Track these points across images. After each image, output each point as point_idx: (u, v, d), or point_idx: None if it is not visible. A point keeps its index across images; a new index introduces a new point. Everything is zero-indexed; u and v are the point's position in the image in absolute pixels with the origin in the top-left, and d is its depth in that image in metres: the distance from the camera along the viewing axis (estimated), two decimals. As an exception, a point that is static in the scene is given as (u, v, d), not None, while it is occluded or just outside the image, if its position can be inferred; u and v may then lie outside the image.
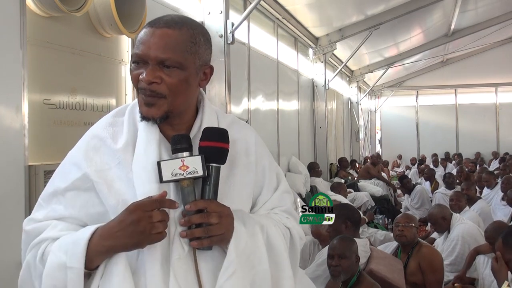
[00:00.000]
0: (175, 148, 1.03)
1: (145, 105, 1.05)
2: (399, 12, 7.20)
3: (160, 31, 1.04)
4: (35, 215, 1.10)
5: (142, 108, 1.06)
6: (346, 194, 5.97)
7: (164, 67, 1.03)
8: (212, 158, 1.03)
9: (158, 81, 1.02)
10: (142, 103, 1.06)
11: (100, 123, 1.14)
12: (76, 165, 1.08)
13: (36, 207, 1.12)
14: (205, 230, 1.01)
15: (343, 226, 3.09)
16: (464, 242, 3.84)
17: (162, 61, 1.03)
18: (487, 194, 5.99)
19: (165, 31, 1.04)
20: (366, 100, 13.39)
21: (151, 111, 1.05)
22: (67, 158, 1.14)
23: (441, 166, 10.98)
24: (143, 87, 1.03)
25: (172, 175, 1.00)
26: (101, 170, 1.05)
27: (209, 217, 1.01)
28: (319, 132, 8.07)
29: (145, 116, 1.06)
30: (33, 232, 1.08)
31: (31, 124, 2.26)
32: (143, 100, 1.05)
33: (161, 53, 1.02)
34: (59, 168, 1.14)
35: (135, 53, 1.04)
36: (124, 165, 1.05)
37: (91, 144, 1.10)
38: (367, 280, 2.51)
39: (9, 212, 2.11)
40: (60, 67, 2.57)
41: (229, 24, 4.10)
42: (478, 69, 13.40)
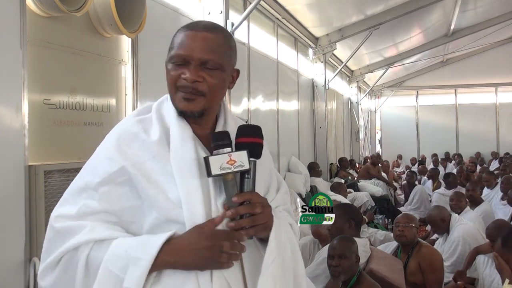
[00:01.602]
0: (218, 144, 1.08)
1: (184, 100, 1.10)
2: (399, 12, 7.20)
3: (201, 34, 1.10)
4: (64, 211, 1.08)
5: (180, 104, 1.10)
6: (346, 194, 5.97)
7: (206, 68, 1.09)
8: (250, 153, 1.09)
9: (201, 80, 1.09)
10: (180, 99, 1.10)
11: (126, 121, 1.16)
12: (110, 159, 1.08)
13: (62, 202, 1.11)
14: (251, 220, 1.06)
15: (346, 225, 3.09)
16: (464, 243, 3.84)
17: (205, 62, 1.09)
18: (487, 194, 5.98)
19: (206, 34, 1.11)
20: (366, 100, 13.40)
21: (190, 106, 1.10)
22: (97, 154, 1.13)
23: (441, 166, 10.98)
24: (185, 85, 1.09)
25: (221, 169, 1.05)
26: (137, 163, 1.07)
27: (254, 208, 1.07)
28: (319, 132, 8.07)
29: (183, 111, 1.11)
30: (65, 232, 1.05)
31: (31, 124, 2.26)
32: (183, 96, 1.10)
33: (205, 55, 1.09)
34: (89, 164, 1.13)
35: (177, 54, 1.09)
36: (160, 159, 1.08)
37: (123, 138, 1.10)
38: (367, 280, 2.51)
39: (9, 212, 2.11)
40: (60, 67, 2.57)
41: (229, 24, 4.11)
42: (478, 69, 13.41)
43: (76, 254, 1.03)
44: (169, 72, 1.11)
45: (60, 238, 1.05)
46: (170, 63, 1.11)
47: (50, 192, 2.34)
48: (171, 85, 1.11)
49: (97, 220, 1.06)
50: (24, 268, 2.17)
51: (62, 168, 2.42)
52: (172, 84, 1.11)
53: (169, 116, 1.13)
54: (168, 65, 1.12)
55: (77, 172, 1.16)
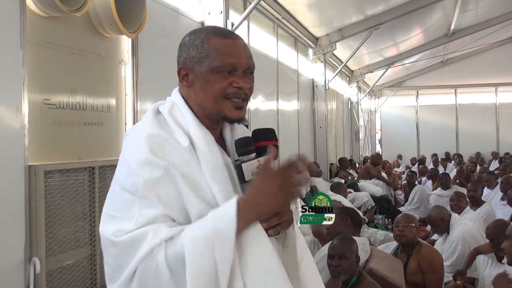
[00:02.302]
0: (245, 150, 1.12)
1: (237, 108, 1.13)
2: (399, 12, 7.21)
3: (239, 41, 1.16)
4: (121, 227, 1.03)
5: (231, 112, 1.13)
6: (346, 194, 5.96)
7: (248, 74, 1.16)
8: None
9: (251, 84, 1.16)
10: (231, 108, 1.13)
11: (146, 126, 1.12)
12: (150, 164, 1.05)
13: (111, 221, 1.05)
14: (278, 217, 1.08)
15: (343, 222, 3.09)
16: (464, 242, 3.84)
17: (249, 68, 1.16)
18: (487, 194, 5.98)
19: (242, 41, 1.17)
20: (366, 100, 13.40)
21: (241, 114, 1.15)
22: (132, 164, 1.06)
23: (441, 166, 10.98)
24: (237, 92, 1.12)
25: (252, 174, 1.09)
26: (175, 166, 1.06)
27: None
28: (319, 132, 8.07)
29: (235, 119, 1.15)
30: (130, 243, 1.01)
31: (31, 124, 2.26)
32: (235, 104, 1.13)
33: (249, 61, 1.16)
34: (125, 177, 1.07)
35: (227, 62, 1.11)
36: (192, 164, 1.08)
37: (155, 143, 1.07)
38: (367, 280, 2.51)
39: (9, 212, 2.11)
40: (60, 67, 2.57)
41: (229, 24, 4.11)
42: (478, 69, 13.41)
43: (152, 259, 0.99)
44: (216, 81, 1.11)
45: (127, 251, 1.01)
46: (216, 73, 1.11)
47: (50, 192, 2.34)
48: (219, 94, 1.11)
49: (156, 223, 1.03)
50: (24, 268, 2.17)
51: (62, 168, 2.42)
52: (220, 93, 1.11)
53: (187, 123, 1.13)
54: (211, 75, 1.11)
55: (77, 172, 1.16)
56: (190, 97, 1.16)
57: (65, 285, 2.45)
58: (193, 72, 1.14)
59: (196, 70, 1.13)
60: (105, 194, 2.69)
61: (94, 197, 2.63)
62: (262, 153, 1.12)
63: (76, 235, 2.55)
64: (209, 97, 1.12)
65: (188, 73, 1.15)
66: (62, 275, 2.43)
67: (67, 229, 2.48)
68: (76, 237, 2.55)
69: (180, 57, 1.17)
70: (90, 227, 2.64)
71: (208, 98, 1.12)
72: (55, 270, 2.40)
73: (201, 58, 1.12)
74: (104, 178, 2.72)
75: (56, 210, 2.39)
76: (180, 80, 1.17)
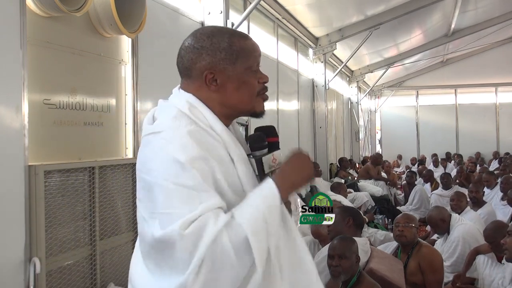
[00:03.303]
0: (261, 145, 1.21)
1: (263, 103, 1.24)
2: (399, 12, 7.21)
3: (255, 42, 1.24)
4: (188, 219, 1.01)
5: (261, 108, 1.23)
6: (346, 194, 5.96)
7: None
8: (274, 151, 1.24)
9: None
10: (260, 103, 1.23)
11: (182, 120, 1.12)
12: (202, 158, 1.06)
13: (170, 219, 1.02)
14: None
15: (344, 223, 3.09)
16: (464, 242, 3.84)
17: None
18: (487, 194, 5.98)
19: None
20: (366, 100, 13.40)
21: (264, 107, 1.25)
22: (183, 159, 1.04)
23: (441, 166, 10.98)
24: (264, 87, 1.23)
25: (269, 167, 1.19)
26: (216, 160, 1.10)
27: None
28: (319, 132, 8.07)
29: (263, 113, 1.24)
30: (195, 231, 1.00)
31: (31, 124, 2.26)
32: (264, 97, 1.24)
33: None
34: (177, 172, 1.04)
35: (257, 61, 1.21)
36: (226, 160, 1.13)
37: (198, 138, 1.09)
38: (367, 280, 2.51)
39: (9, 212, 2.11)
40: (60, 67, 2.57)
41: (229, 24, 4.11)
42: (478, 69, 13.40)
43: (218, 244, 1.00)
44: (250, 81, 1.19)
45: (193, 239, 1.00)
46: (250, 72, 1.19)
47: (50, 192, 2.34)
48: (254, 93, 1.20)
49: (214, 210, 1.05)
50: (24, 268, 2.17)
51: (62, 168, 2.42)
52: (256, 91, 1.20)
53: (209, 121, 1.15)
54: (246, 76, 1.18)
55: (77, 172, 1.16)
56: (211, 100, 1.17)
57: (65, 285, 2.45)
58: (225, 75, 1.16)
59: (229, 71, 1.16)
60: (105, 194, 2.71)
61: (94, 197, 2.63)
62: (271, 148, 1.21)
63: (76, 235, 2.55)
64: (245, 97, 1.19)
65: (216, 77, 1.16)
66: (62, 275, 2.43)
67: (67, 229, 2.48)
68: (76, 237, 2.55)
69: (202, 60, 1.15)
70: (90, 227, 2.64)
71: (245, 98, 1.19)
72: (55, 270, 2.40)
73: (234, 60, 1.16)
74: (104, 178, 2.72)
75: (56, 210, 2.39)
76: (207, 84, 1.16)
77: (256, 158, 1.18)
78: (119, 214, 2.84)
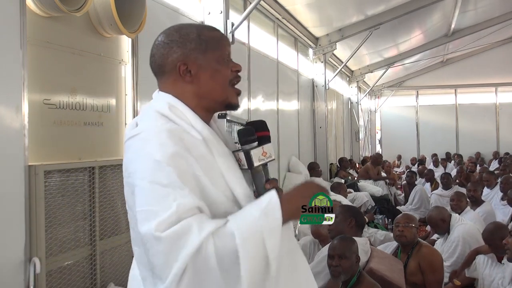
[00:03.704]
0: (250, 139, 1.19)
1: (237, 95, 1.22)
2: (399, 12, 7.20)
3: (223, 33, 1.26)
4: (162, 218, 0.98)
5: (234, 99, 1.21)
6: (346, 194, 5.96)
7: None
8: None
9: None
10: (234, 94, 1.21)
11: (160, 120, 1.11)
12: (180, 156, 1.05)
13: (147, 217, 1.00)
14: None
15: (346, 223, 3.09)
16: (464, 243, 3.84)
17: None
18: (487, 194, 5.99)
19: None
20: (366, 100, 13.40)
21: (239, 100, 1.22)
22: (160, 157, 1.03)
23: (441, 166, 10.97)
24: (237, 76, 1.21)
25: (259, 160, 1.17)
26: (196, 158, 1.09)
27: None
28: (319, 132, 8.07)
29: (237, 105, 1.21)
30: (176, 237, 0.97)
31: (31, 124, 2.26)
32: (236, 90, 1.21)
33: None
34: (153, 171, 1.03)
35: (227, 50, 1.20)
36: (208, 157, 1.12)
37: (176, 136, 1.08)
38: (367, 280, 2.51)
39: (9, 212, 2.11)
40: (60, 67, 2.57)
41: (229, 24, 4.10)
42: (478, 69, 13.40)
43: (202, 254, 0.97)
44: (222, 69, 1.18)
45: (174, 246, 0.97)
46: (221, 61, 1.18)
47: (50, 192, 2.34)
48: (226, 81, 1.18)
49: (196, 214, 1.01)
50: (24, 268, 2.16)
51: (62, 168, 2.42)
52: (228, 80, 1.18)
53: (189, 119, 1.14)
54: (218, 65, 1.17)
55: (77, 172, 1.15)
56: (186, 93, 1.17)
57: (65, 285, 2.45)
58: (197, 64, 1.16)
59: (200, 61, 1.16)
60: (105, 194, 2.71)
61: (94, 197, 2.63)
62: (261, 142, 1.20)
63: (76, 235, 2.55)
64: (218, 86, 1.17)
65: (189, 67, 1.15)
66: (62, 275, 2.43)
67: (67, 229, 2.48)
68: (76, 237, 2.55)
69: (173, 53, 1.16)
70: (90, 227, 2.64)
71: (217, 87, 1.17)
72: (55, 270, 2.40)
73: (205, 49, 1.16)
74: (104, 178, 2.72)
75: (56, 210, 2.39)
76: (181, 76, 1.16)
77: (244, 151, 1.18)
78: (119, 214, 2.84)
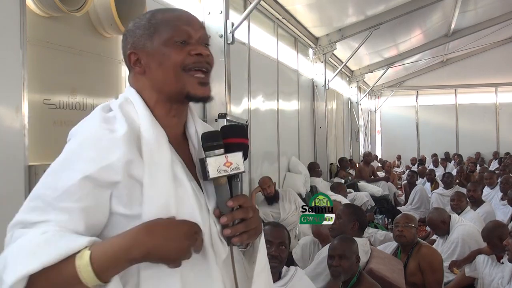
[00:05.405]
0: (211, 145, 0.99)
1: (200, 84, 1.01)
2: (399, 12, 7.20)
3: (188, 13, 1.07)
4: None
5: (196, 89, 1.01)
6: (346, 194, 5.97)
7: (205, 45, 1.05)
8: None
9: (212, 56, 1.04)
10: (195, 84, 1.01)
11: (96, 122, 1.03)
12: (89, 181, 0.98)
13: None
14: (245, 225, 0.98)
15: (350, 225, 3.08)
16: (464, 243, 3.85)
17: (205, 39, 1.05)
18: (488, 194, 5.99)
19: (191, 13, 1.08)
20: (366, 100, 13.40)
21: (207, 91, 1.03)
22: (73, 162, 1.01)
23: (441, 166, 10.98)
24: (198, 60, 1.01)
25: (218, 171, 0.97)
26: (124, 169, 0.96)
27: (247, 212, 0.99)
28: (319, 132, 8.07)
29: (200, 97, 1.02)
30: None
31: (31, 124, 2.25)
32: (198, 79, 1.01)
33: (204, 31, 1.06)
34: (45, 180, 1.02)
35: (182, 29, 1.01)
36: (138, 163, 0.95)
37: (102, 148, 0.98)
38: (367, 281, 2.51)
39: (9, 212, 2.11)
40: (60, 67, 2.57)
41: (229, 24, 4.10)
42: (478, 69, 13.40)
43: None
44: (172, 53, 1.00)
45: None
46: (171, 44, 1.00)
47: (50, 192, 2.34)
48: (178, 66, 1.00)
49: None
50: (24, 268, 2.16)
51: (62, 168, 2.42)
52: (179, 64, 1.00)
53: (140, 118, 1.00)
54: (166, 48, 1.00)
55: (77, 172, 1.13)
56: (144, 87, 1.04)
57: (65, 285, 2.45)
58: (145, 52, 1.02)
59: (148, 47, 1.02)
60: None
61: (94, 197, 2.62)
62: (231, 150, 1.00)
63: (76, 235, 2.54)
64: (168, 73, 1.00)
65: (139, 57, 1.03)
66: (62, 275, 2.43)
67: (67, 229, 2.48)
68: (76, 237, 2.54)
69: (127, 44, 1.05)
70: (90, 227, 2.63)
71: (168, 74, 1.00)
72: (55, 270, 2.39)
73: (152, 34, 1.01)
74: (104, 178, 2.71)
75: (56, 210, 2.38)
76: (132, 67, 1.05)
77: (200, 159, 0.99)
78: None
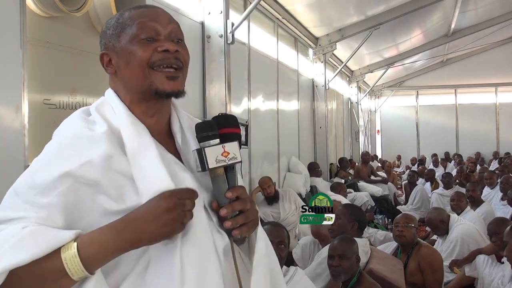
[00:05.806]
0: (206, 135, 0.99)
1: (168, 79, 0.99)
2: (399, 12, 7.20)
3: (158, 9, 1.05)
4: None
5: (163, 84, 0.99)
6: (346, 194, 5.97)
7: (177, 41, 1.03)
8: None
9: (180, 49, 1.01)
10: (163, 78, 0.99)
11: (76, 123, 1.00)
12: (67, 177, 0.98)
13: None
14: (244, 216, 0.98)
15: (350, 226, 3.08)
16: (463, 243, 3.85)
17: (176, 34, 1.03)
18: (488, 194, 5.99)
19: (161, 9, 1.06)
20: (366, 100, 13.40)
21: (176, 85, 1.00)
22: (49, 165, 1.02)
23: (441, 166, 10.98)
24: (165, 57, 0.99)
25: (217, 162, 0.96)
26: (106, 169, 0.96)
27: (245, 203, 0.99)
28: (319, 132, 8.07)
29: (168, 92, 1.00)
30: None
31: (31, 124, 2.25)
32: (167, 73, 0.99)
33: (175, 26, 1.04)
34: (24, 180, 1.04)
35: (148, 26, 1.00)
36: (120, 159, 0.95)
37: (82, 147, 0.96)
38: (367, 281, 2.51)
39: (9, 212, 2.11)
40: (60, 67, 2.57)
41: (229, 24, 4.10)
42: (478, 69, 13.40)
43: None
44: (137, 50, 0.99)
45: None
46: (136, 42, 0.99)
47: (50, 192, 2.34)
48: (144, 63, 0.98)
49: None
50: (24, 268, 2.16)
51: (62, 168, 2.42)
52: (145, 61, 0.98)
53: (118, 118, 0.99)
54: (132, 46, 0.99)
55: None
56: (119, 87, 1.04)
57: (65, 285, 2.45)
58: (115, 52, 1.02)
59: (116, 48, 1.01)
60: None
61: (94, 197, 2.62)
62: (225, 140, 0.99)
63: (76, 235, 2.54)
64: (136, 72, 0.99)
65: (111, 57, 1.03)
66: (62, 275, 2.43)
67: (67, 229, 2.47)
68: (76, 237, 2.54)
69: (100, 46, 1.06)
70: (90, 227, 2.63)
71: (135, 72, 0.99)
72: (55, 270, 2.39)
73: (119, 33, 1.01)
74: (104, 178, 2.71)
75: (56, 210, 2.38)
76: (105, 68, 1.05)
77: (197, 149, 0.98)
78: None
